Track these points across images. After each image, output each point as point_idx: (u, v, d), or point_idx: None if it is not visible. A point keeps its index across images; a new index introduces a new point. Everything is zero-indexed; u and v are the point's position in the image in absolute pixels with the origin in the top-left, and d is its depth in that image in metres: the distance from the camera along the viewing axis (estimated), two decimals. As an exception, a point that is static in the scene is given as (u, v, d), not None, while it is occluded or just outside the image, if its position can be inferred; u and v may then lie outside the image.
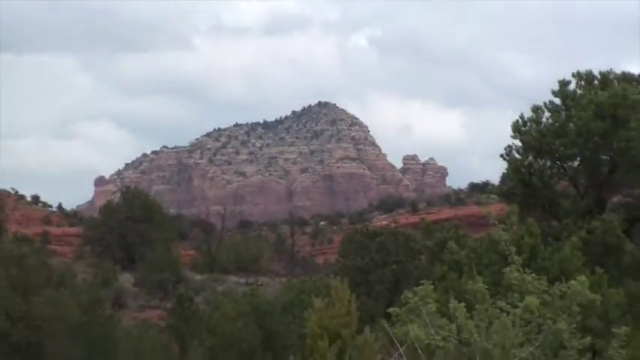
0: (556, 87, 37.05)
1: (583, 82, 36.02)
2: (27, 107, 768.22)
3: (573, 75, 36.69)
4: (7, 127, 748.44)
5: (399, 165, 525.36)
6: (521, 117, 35.84)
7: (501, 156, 36.42)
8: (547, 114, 35.64)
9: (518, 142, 35.78)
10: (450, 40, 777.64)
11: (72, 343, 63.21)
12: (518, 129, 36.11)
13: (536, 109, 36.33)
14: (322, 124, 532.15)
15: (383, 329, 13.30)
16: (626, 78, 35.27)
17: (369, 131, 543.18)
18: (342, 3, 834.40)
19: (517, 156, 35.53)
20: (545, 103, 36.87)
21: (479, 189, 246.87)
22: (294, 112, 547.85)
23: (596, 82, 35.68)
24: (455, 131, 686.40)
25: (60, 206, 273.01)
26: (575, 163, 34.96)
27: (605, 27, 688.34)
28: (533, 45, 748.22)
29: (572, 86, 36.42)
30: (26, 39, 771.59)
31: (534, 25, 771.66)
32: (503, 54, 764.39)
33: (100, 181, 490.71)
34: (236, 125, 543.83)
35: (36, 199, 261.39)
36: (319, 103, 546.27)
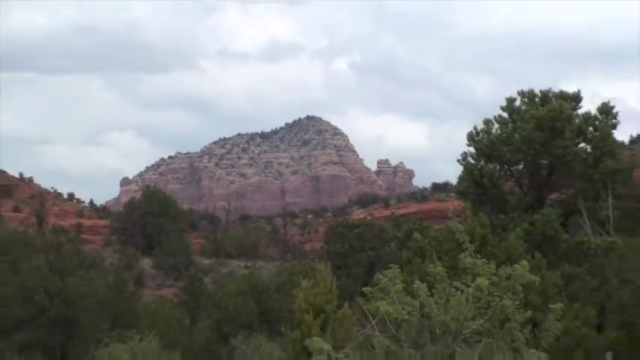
0: (504, 103, 37.02)
1: (526, 99, 35.96)
2: (63, 119, 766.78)
3: (518, 93, 36.66)
4: (47, 135, 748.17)
5: (373, 168, 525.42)
6: (475, 128, 35.86)
7: (458, 161, 36.46)
8: (496, 126, 35.65)
9: (472, 150, 35.85)
10: (417, 64, 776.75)
11: (100, 316, 63.05)
12: (472, 138, 36.11)
13: (487, 122, 36.34)
14: (310, 134, 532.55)
15: (359, 305, 13.32)
16: (563, 96, 35.20)
17: (349, 140, 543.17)
18: (327, 34, 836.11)
19: (471, 161, 35.55)
20: (495, 117, 36.88)
21: (440, 188, 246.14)
22: (286, 124, 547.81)
23: (537, 99, 35.63)
24: (420, 140, 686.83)
25: (91, 202, 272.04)
26: (520, 167, 34.99)
27: (546, 55, 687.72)
28: (487, 68, 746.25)
29: (517, 103, 36.41)
30: (61, 62, 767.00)
31: (489, 51, 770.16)
32: (462, 75, 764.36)
33: (124, 182, 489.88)
34: (238, 135, 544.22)
35: (71, 196, 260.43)
36: (308, 117, 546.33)
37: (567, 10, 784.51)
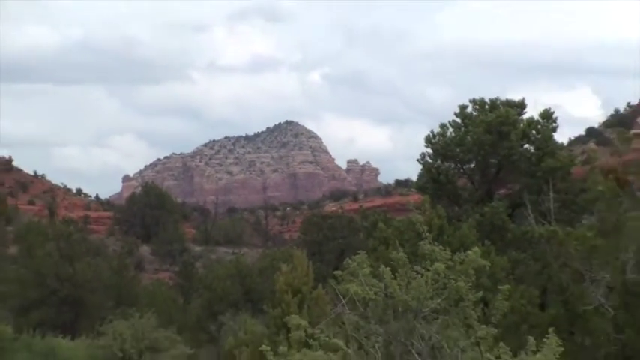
0: (457, 110, 36.97)
1: (477, 107, 35.89)
2: (72, 124, 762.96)
3: (470, 101, 36.58)
4: (58, 138, 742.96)
5: (344, 167, 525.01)
6: (432, 132, 35.75)
7: (418, 160, 36.35)
8: (451, 130, 35.57)
9: (429, 150, 35.77)
10: (381, 76, 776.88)
11: (105, 297, 63.02)
12: (429, 141, 36.03)
13: (442, 126, 36.26)
14: (288, 137, 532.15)
15: (331, 286, 13.26)
16: (509, 103, 35.16)
17: (322, 142, 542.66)
18: (302, 50, 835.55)
19: (429, 160, 35.46)
20: (449, 122, 36.77)
21: (402, 184, 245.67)
22: (267, 128, 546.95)
23: (486, 106, 35.56)
24: (385, 142, 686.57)
25: (97, 197, 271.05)
26: (472, 166, 34.98)
27: (495, 67, 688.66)
28: (442, 79, 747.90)
29: (469, 109, 36.34)
30: (70, 74, 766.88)
31: (444, 64, 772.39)
32: (421, 85, 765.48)
33: (126, 179, 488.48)
34: (225, 138, 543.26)
35: (79, 191, 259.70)
36: (286, 122, 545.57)
37: (513, 28, 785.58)
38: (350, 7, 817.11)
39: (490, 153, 32.87)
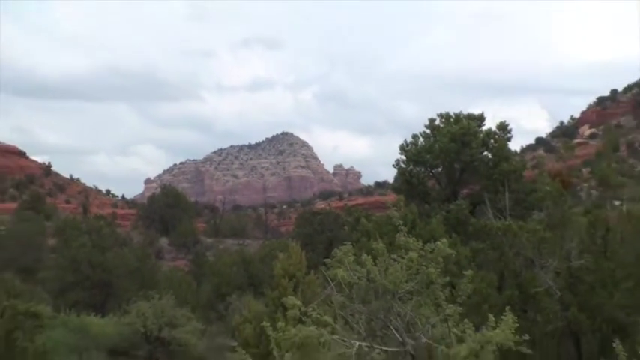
0: (427, 122, 36.88)
1: (444, 120, 35.79)
2: (101, 136, 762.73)
3: (437, 115, 36.52)
4: (89, 147, 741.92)
5: (331, 171, 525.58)
6: (406, 141, 35.64)
7: (393, 166, 36.24)
8: (421, 139, 35.49)
9: (403, 157, 35.63)
10: (362, 93, 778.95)
11: (130, 281, 62.91)
12: (403, 149, 35.93)
13: (414, 136, 36.17)
14: (284, 146, 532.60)
15: (321, 272, 13.20)
16: (470, 117, 35.06)
17: (313, 150, 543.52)
18: (295, 72, 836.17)
19: (403, 165, 35.34)
20: (420, 133, 36.67)
21: (381, 186, 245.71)
22: (266, 139, 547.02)
23: (451, 119, 35.48)
24: (366, 150, 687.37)
25: (123, 197, 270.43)
26: (439, 170, 34.92)
27: (460, 87, 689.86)
28: (415, 96, 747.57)
29: (437, 122, 36.26)
30: (99, 93, 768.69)
31: (416, 83, 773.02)
32: (396, 102, 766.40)
33: (147, 181, 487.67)
34: (231, 146, 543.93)
35: (108, 192, 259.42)
36: (282, 133, 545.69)
37: (475, 54, 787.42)
38: (334, 35, 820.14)
39: (454, 159, 32.79)
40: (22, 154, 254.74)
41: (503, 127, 34.84)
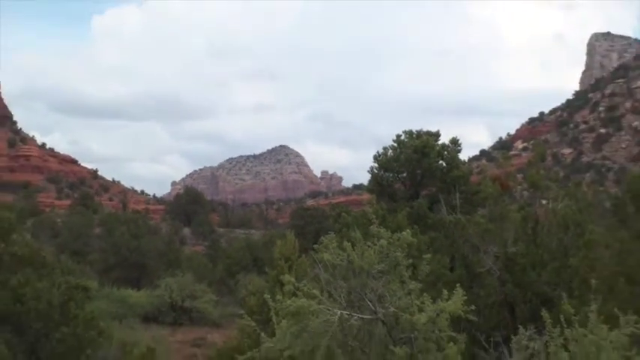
0: (395, 138, 36.83)
1: (408, 135, 35.75)
2: (138, 146, 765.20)
3: (403, 132, 36.45)
4: (128, 156, 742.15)
5: (319, 175, 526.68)
6: (378, 152, 35.56)
7: (368, 171, 36.20)
8: (390, 151, 35.48)
9: (376, 165, 35.60)
10: (344, 115, 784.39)
11: (159, 262, 62.95)
12: (376, 158, 35.91)
13: (385, 149, 36.12)
14: (281, 156, 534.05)
15: (311, 256, 13.21)
16: (429, 133, 35.10)
17: (304, 159, 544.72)
18: (290, 98, 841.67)
19: (375, 171, 35.31)
20: (389, 146, 36.58)
21: (358, 187, 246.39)
22: (268, 150, 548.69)
23: (414, 135, 35.47)
24: (346, 159, 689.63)
25: (154, 195, 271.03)
26: (404, 175, 34.91)
27: (421, 110, 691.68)
28: (386, 117, 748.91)
29: (402, 137, 36.27)
30: (136, 113, 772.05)
31: (388, 107, 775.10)
32: (371, 122, 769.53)
33: (173, 184, 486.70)
34: (240, 156, 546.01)
35: (142, 192, 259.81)
36: (280, 146, 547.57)
37: (434, 82, 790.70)
38: (322, 68, 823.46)
39: (416, 166, 32.72)
40: (74, 162, 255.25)
41: (454, 142, 34.80)
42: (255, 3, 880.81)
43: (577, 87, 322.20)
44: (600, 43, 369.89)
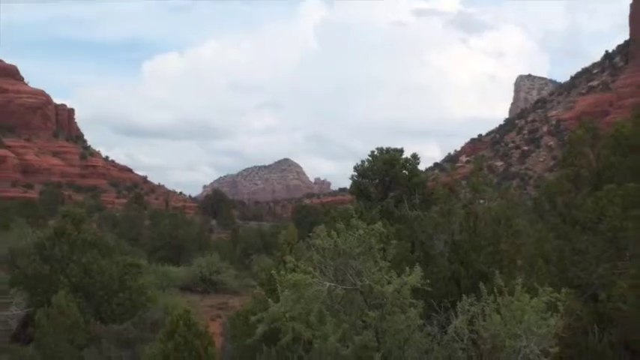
0: (369, 153, 36.83)
1: (379, 151, 35.73)
2: (177, 160, 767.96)
3: (376, 148, 36.47)
4: (170, 166, 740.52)
5: (313, 181, 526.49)
6: (357, 164, 35.60)
7: (350, 178, 36.17)
8: (366, 163, 35.39)
9: (356, 173, 35.52)
10: (333, 136, 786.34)
11: (193, 245, 62.60)
12: (356, 168, 35.88)
13: (362, 161, 36.03)
14: (285, 166, 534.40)
15: (307, 242, 13.18)
16: (395, 150, 35.07)
17: (302, 168, 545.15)
18: (291, 122, 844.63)
19: (355, 179, 35.23)
20: (365, 159, 36.50)
21: (342, 190, 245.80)
22: (275, 162, 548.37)
23: (384, 151, 35.44)
24: (334, 169, 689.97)
25: (189, 196, 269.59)
26: (377, 181, 34.82)
27: (388, 132, 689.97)
28: (365, 138, 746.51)
29: (375, 152, 36.21)
30: (174, 133, 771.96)
31: (366, 130, 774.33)
32: (353, 142, 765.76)
33: (204, 187, 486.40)
34: (254, 166, 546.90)
35: (181, 193, 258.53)
36: (284, 159, 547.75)
37: (399, 110, 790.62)
38: (316, 99, 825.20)
39: (385, 175, 32.59)
40: (130, 170, 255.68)
41: (414, 156, 34.74)
42: (266, 52, 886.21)
43: (507, 115, 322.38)
44: (524, 82, 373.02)
